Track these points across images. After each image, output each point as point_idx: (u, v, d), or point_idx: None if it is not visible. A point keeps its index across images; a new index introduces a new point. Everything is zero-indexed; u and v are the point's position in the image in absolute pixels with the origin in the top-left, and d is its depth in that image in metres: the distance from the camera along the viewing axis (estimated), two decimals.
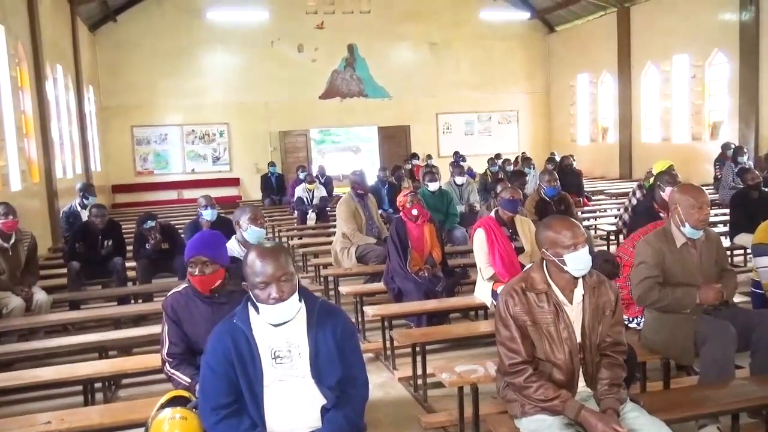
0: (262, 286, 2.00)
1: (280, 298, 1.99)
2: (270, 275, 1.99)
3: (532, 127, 17.81)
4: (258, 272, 2.00)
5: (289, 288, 2.00)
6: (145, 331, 4.21)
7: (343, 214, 6.05)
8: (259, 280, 2.00)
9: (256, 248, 2.06)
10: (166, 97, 15.06)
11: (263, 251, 2.03)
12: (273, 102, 15.57)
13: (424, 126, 16.83)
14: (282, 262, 1.99)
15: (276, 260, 1.99)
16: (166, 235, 5.88)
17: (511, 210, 4.44)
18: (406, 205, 5.03)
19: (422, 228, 5.02)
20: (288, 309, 2.01)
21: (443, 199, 7.08)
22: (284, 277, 1.99)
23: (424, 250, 5.00)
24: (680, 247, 3.02)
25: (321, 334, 2.06)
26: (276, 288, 1.99)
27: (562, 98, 17.41)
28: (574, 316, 2.39)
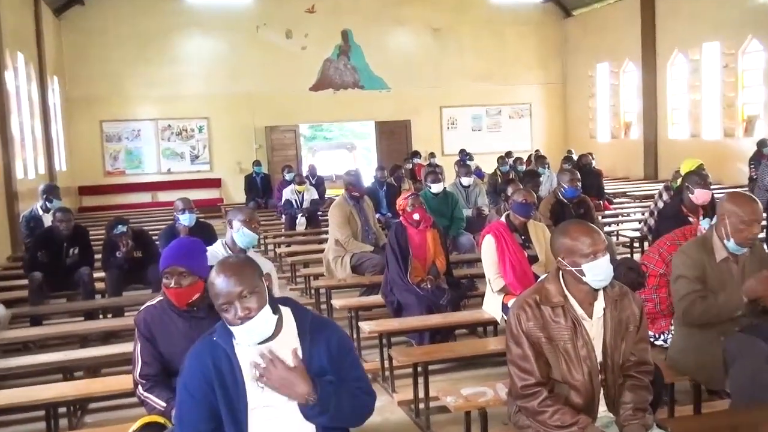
0: (226, 307, 2.01)
1: (246, 317, 1.98)
2: (229, 293, 1.99)
3: (546, 122, 17.86)
4: (218, 292, 2.01)
5: (255, 303, 1.99)
6: (115, 349, 4.20)
7: (337, 218, 6.05)
8: (221, 302, 2.01)
9: (216, 266, 2.08)
10: (140, 89, 15.07)
11: (221, 267, 2.04)
12: (258, 94, 15.59)
13: (427, 121, 16.87)
14: (242, 277, 1.99)
15: (234, 276, 1.99)
16: (139, 243, 5.88)
17: (524, 214, 4.45)
18: (407, 208, 5.04)
19: (424, 234, 5.02)
20: (259, 326, 2.00)
21: (448, 202, 7.09)
22: (245, 292, 1.98)
23: (426, 259, 5.01)
24: (720, 262, 2.98)
25: (314, 349, 2.06)
26: (239, 306, 1.98)
27: (579, 90, 17.46)
28: (594, 332, 2.39)
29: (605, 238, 2.45)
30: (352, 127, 23.27)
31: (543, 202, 6.06)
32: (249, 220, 3.75)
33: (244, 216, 3.76)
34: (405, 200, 5.09)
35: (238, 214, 3.79)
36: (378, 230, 6.42)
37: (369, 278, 5.79)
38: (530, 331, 2.37)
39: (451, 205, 7.09)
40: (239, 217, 3.76)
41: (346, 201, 6.17)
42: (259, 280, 2.03)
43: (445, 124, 17.25)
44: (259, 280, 2.03)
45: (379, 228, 6.63)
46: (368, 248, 6.04)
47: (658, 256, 3.56)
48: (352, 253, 5.97)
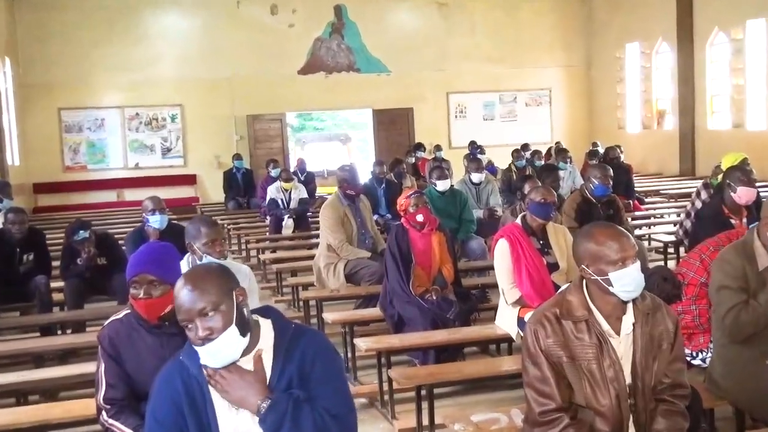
0: (186, 325, 2.02)
1: (206, 338, 1.97)
2: (189, 310, 1.99)
3: (568, 111, 17.89)
4: (179, 307, 2.01)
5: (218, 323, 1.98)
6: (76, 370, 4.20)
7: (329, 220, 6.06)
8: (181, 318, 2.02)
9: (182, 275, 2.07)
10: (104, 73, 15.06)
11: (185, 278, 2.05)
12: (239, 78, 15.61)
13: (432, 109, 16.91)
14: (204, 292, 1.99)
15: (197, 290, 1.99)
16: (103, 248, 5.89)
17: (543, 216, 4.45)
18: (409, 209, 5.05)
19: (429, 238, 5.03)
20: (222, 349, 1.98)
21: (456, 201, 7.11)
22: (207, 310, 1.98)
23: (431, 267, 5.02)
24: (762, 270, 2.99)
25: (286, 364, 2.06)
26: (200, 325, 1.98)
27: (606, 74, 17.49)
28: (623, 350, 2.39)
29: (635, 242, 2.45)
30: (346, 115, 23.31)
31: (568, 201, 6.08)
32: (212, 242, 3.57)
33: (206, 238, 3.57)
34: (407, 199, 5.10)
35: (198, 236, 3.58)
36: (376, 234, 6.43)
37: (365, 288, 5.80)
38: (550, 349, 2.37)
39: (459, 205, 7.10)
40: (200, 242, 3.58)
41: (340, 200, 6.17)
42: (225, 296, 2.01)
43: (453, 113, 17.28)
44: (225, 296, 2.01)
45: (378, 231, 6.64)
46: (365, 254, 6.05)
47: (699, 262, 3.55)
48: (346, 259, 5.97)
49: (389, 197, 8.51)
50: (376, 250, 6.19)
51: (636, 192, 9.97)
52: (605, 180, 5.89)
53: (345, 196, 6.19)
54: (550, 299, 2.52)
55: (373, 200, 7.90)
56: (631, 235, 2.43)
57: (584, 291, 2.41)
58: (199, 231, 3.62)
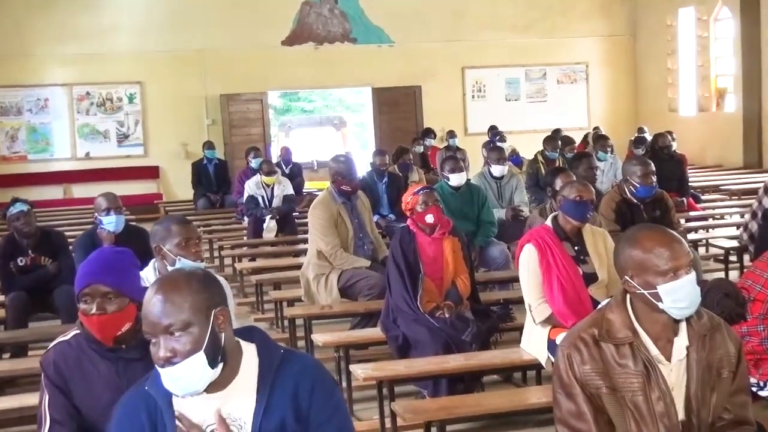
0: (150, 339, 2.04)
1: (167, 359, 2.00)
2: (153, 324, 2.01)
3: (609, 90, 17.92)
4: (144, 317, 2.04)
5: (183, 345, 2.00)
6: (14, 402, 4.19)
7: (320, 222, 6.08)
8: (145, 330, 2.04)
9: (158, 278, 2.12)
10: (48, 44, 15.08)
11: (160, 283, 2.07)
12: (211, 51, 15.64)
13: (444, 88, 16.92)
14: (176, 306, 2.01)
15: (167, 302, 2.01)
16: (48, 246, 5.90)
17: (578, 217, 4.46)
18: (417, 208, 5.06)
19: (440, 244, 5.05)
20: (184, 376, 2.00)
21: (473, 199, 7.13)
22: (174, 328, 2.00)
23: (443, 278, 5.03)
24: None
25: (274, 400, 2.06)
26: (162, 344, 2.01)
27: (654, 45, 17.49)
28: (675, 379, 2.40)
29: (690, 249, 2.45)
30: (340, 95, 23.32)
31: (604, 201, 6.07)
32: (186, 242, 3.60)
33: (179, 237, 3.60)
34: (414, 197, 5.11)
35: (168, 236, 3.61)
36: (376, 238, 6.45)
37: (364, 304, 5.81)
38: (586, 378, 2.37)
39: (477, 203, 7.12)
40: (173, 241, 3.60)
41: (333, 198, 6.19)
42: (200, 315, 2.02)
43: (470, 92, 17.30)
44: (200, 315, 2.02)
45: (378, 235, 6.65)
46: (363, 263, 6.07)
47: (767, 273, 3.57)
48: (340, 269, 5.99)
49: (392, 194, 8.52)
50: (376, 257, 6.21)
51: (690, 188, 9.98)
52: (647, 179, 5.83)
53: (339, 193, 6.19)
54: (587, 317, 2.52)
55: (373, 198, 7.90)
56: (684, 241, 2.44)
57: (628, 308, 2.42)
58: (170, 230, 3.63)
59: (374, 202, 7.99)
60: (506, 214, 7.69)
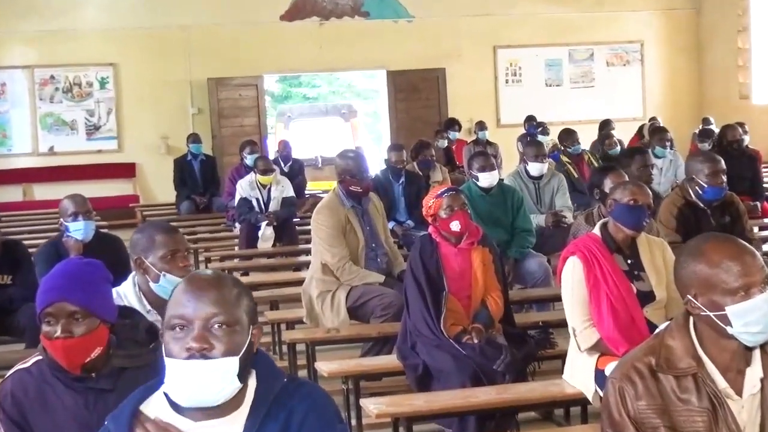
0: (175, 326, 2.09)
1: (199, 350, 2.05)
2: (194, 308, 2.09)
3: (668, 73, 17.89)
4: (177, 300, 2.12)
5: (223, 342, 2.07)
6: None
7: (325, 230, 6.09)
8: (174, 314, 2.09)
9: (193, 275, 2.20)
10: (5, 20, 15.15)
11: (200, 279, 2.16)
12: (197, 27, 15.71)
13: (472, 70, 16.93)
14: (224, 297, 2.12)
15: (217, 289, 2.12)
16: (7, 261, 5.93)
17: (633, 224, 4.44)
18: (440, 213, 5.06)
19: (468, 256, 5.05)
20: (208, 379, 2.05)
21: (506, 202, 7.13)
22: (220, 319, 2.08)
23: (471, 296, 5.04)
24: None
25: None
26: (198, 332, 2.06)
27: (723, 20, 17.42)
28: (747, 417, 2.39)
29: (765, 263, 2.44)
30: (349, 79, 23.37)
31: (664, 205, 6.04)
32: (173, 255, 3.63)
33: (164, 249, 3.62)
34: (437, 200, 5.11)
35: (150, 246, 3.64)
36: (392, 249, 6.46)
37: (377, 327, 5.81)
38: (641, 415, 2.37)
39: (512, 207, 7.12)
40: (155, 253, 3.63)
41: (341, 201, 6.19)
42: (246, 320, 2.13)
43: (503, 76, 17.30)
44: (246, 320, 2.13)
45: (394, 245, 6.66)
46: (376, 278, 6.07)
47: None
48: (349, 286, 6.00)
49: (411, 197, 8.53)
50: (391, 272, 6.22)
51: (765, 190, 9.92)
52: (716, 178, 5.77)
53: (348, 195, 6.20)
54: (642, 344, 2.52)
55: (387, 201, 7.91)
56: (757, 253, 2.43)
57: (691, 333, 2.41)
58: (154, 240, 3.64)
59: (389, 206, 8.00)
60: (546, 221, 7.66)
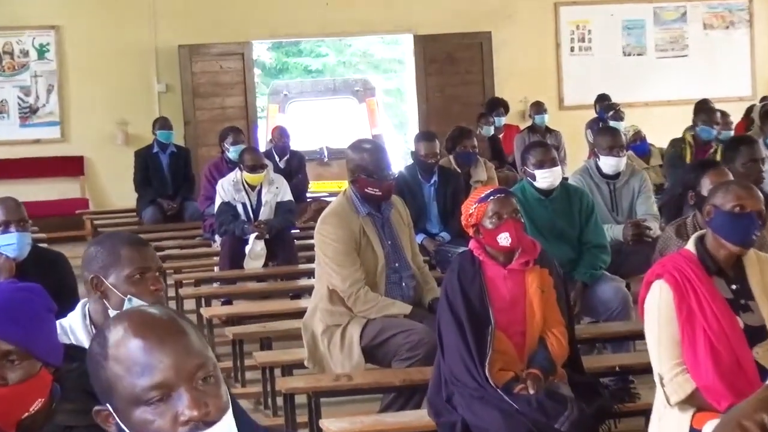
0: (156, 398, 2.07)
1: (201, 419, 2.06)
2: (175, 369, 2.07)
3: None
4: (149, 365, 2.10)
5: (217, 397, 2.10)
6: None
7: (333, 244, 6.08)
8: (153, 384, 2.07)
9: (131, 318, 2.14)
10: None
11: (155, 323, 2.12)
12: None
13: (526, 35, 16.97)
14: (192, 340, 2.14)
15: (181, 333, 2.13)
16: None
17: (739, 238, 4.43)
18: (485, 223, 5.08)
19: (522, 279, 5.07)
20: None
21: (572, 209, 7.12)
22: (207, 371, 2.10)
23: (526, 333, 5.05)
24: None
25: None
26: (190, 396, 2.07)
27: None
28: None
29: None
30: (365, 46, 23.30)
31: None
32: (142, 274, 3.67)
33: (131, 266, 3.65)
34: (481, 205, 5.12)
35: (114, 262, 3.67)
36: (421, 270, 6.47)
37: (401, 373, 5.82)
38: None
39: (579, 215, 7.10)
40: (118, 272, 3.66)
41: (354, 207, 6.20)
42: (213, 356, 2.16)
43: (567, 43, 17.31)
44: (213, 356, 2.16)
45: (425, 266, 6.67)
46: (401, 308, 6.08)
47: None
48: (364, 318, 6.01)
49: (446, 201, 8.56)
50: (421, 300, 6.23)
51: None
52: None
53: (363, 199, 6.20)
54: (752, 397, 2.52)
55: (416, 206, 7.92)
56: None
57: None
58: (118, 255, 3.66)
59: (418, 214, 8.00)
60: (625, 233, 7.64)
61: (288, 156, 12.24)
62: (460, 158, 9.72)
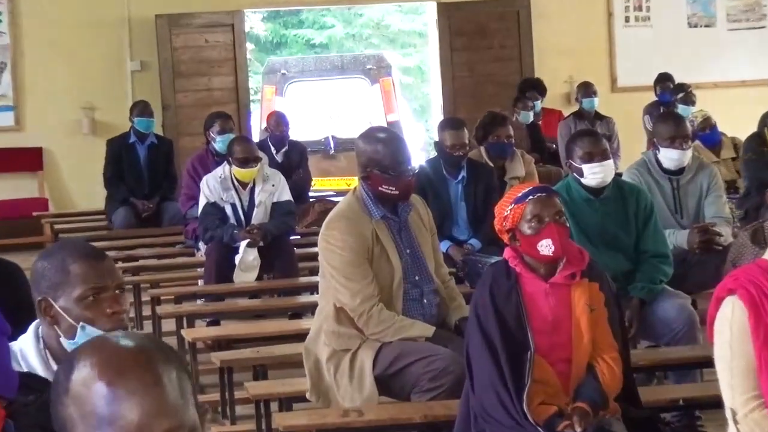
0: None
1: None
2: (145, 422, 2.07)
3: None
4: (101, 419, 2.08)
5: None
6: None
7: (341, 254, 6.08)
8: None
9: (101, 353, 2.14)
10: None
11: (119, 364, 2.12)
12: None
13: (570, 2, 17.08)
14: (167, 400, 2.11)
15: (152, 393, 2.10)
16: None
17: None
18: (523, 228, 5.09)
19: (568, 295, 5.09)
20: None
21: (627, 211, 7.13)
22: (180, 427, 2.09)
23: (571, 360, 5.07)
24: None
25: None
26: None
27: None
28: None
29: None
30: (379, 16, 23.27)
31: None
32: (95, 296, 3.65)
33: (83, 286, 3.64)
34: (518, 207, 5.13)
35: (62, 282, 3.66)
36: (446, 284, 6.47)
37: (422, 407, 5.82)
38: None
39: (636, 219, 7.11)
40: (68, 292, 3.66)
41: (365, 208, 6.21)
42: (194, 406, 2.14)
43: (621, 11, 17.33)
44: (194, 406, 2.14)
45: (451, 279, 6.68)
46: (421, 330, 6.07)
47: None
48: (378, 342, 6.02)
49: (476, 201, 8.58)
50: (446, 320, 6.24)
51: None
52: None
53: (377, 200, 6.22)
54: None
55: (440, 208, 7.94)
56: None
57: None
58: (66, 271, 3.66)
59: (442, 217, 8.03)
60: (690, 240, 7.64)
61: (287, 147, 12.26)
62: (492, 150, 9.72)
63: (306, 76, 20.79)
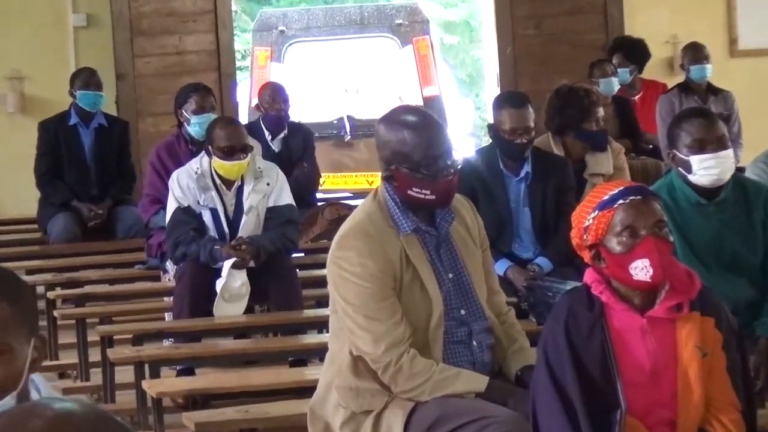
0: None
1: None
2: None
3: None
4: None
5: None
6: None
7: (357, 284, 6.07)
8: None
9: None
10: None
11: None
12: None
13: None
14: None
15: None
16: None
17: None
18: (610, 242, 5.08)
19: (672, 333, 5.06)
20: None
21: (751, 219, 7.15)
22: None
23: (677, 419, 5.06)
24: None
25: None
26: None
27: None
28: None
29: None
30: None
31: None
32: None
33: None
34: (604, 214, 5.12)
35: None
36: (503, 319, 6.46)
37: None
38: None
39: (764, 231, 7.13)
40: None
41: (390, 218, 6.19)
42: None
43: None
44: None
45: (511, 310, 6.67)
46: (471, 384, 6.04)
47: None
48: (412, 402, 5.98)
49: (545, 206, 8.55)
50: (504, 368, 6.25)
51: None
52: None
53: (406, 206, 6.19)
54: None
55: (495, 215, 7.94)
56: None
57: None
58: None
59: (499, 228, 8.03)
60: None
61: (286, 132, 12.33)
62: (583, 140, 9.65)
63: (312, 34, 20.84)
